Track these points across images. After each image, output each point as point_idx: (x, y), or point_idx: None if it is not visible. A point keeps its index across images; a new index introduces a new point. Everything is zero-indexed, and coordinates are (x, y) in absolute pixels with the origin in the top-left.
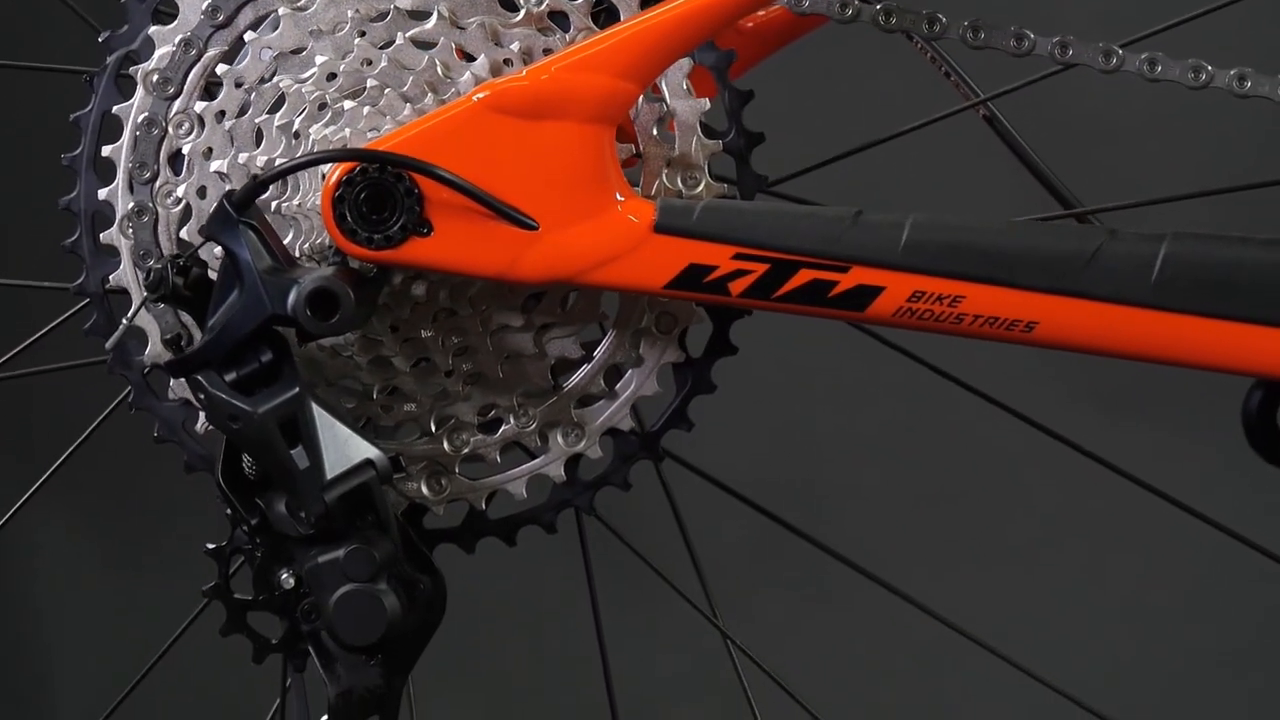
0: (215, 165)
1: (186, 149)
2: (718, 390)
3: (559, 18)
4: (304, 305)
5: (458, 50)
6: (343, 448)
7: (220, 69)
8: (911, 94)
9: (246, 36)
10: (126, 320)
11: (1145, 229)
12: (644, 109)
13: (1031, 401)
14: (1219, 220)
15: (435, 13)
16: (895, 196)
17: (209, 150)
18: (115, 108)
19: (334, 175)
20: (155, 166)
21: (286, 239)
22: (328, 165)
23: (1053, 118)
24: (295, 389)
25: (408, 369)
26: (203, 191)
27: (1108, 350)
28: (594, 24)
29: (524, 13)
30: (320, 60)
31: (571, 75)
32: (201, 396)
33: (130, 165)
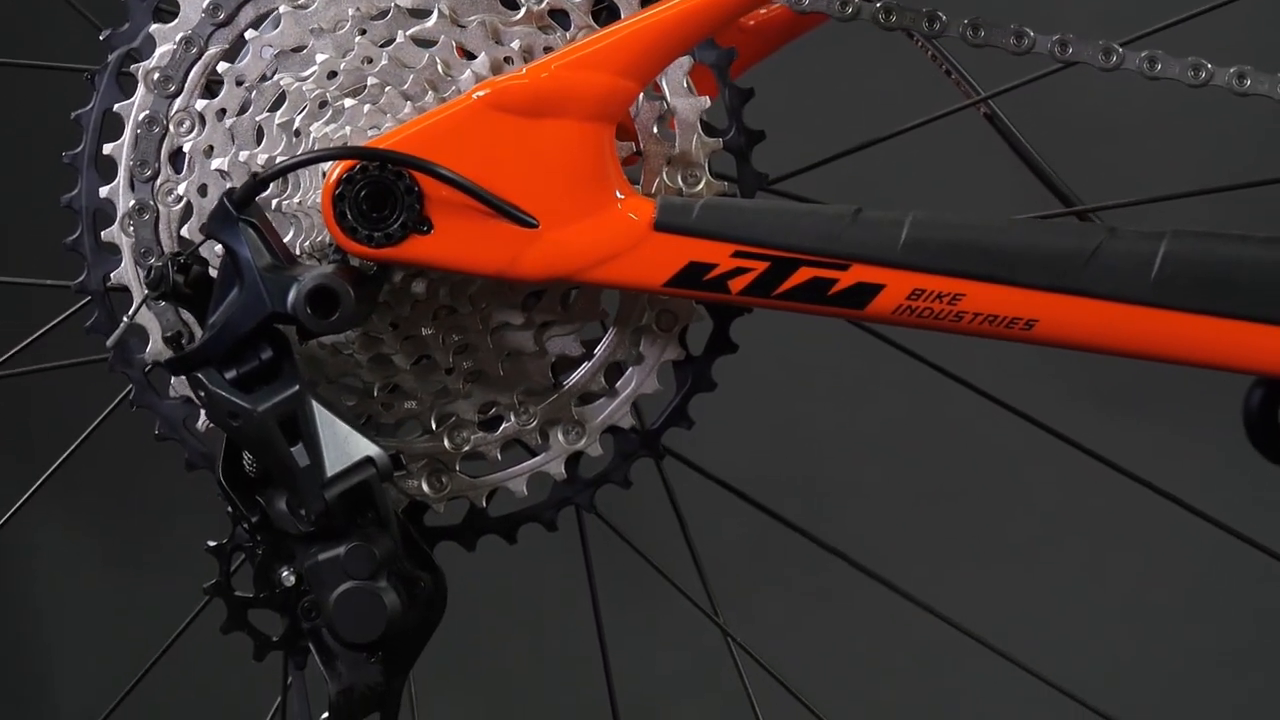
0: (216, 163)
1: (187, 147)
2: (718, 388)
3: (559, 16)
4: (304, 303)
5: (458, 48)
6: (343, 445)
7: (221, 67)
8: (912, 92)
9: (247, 34)
10: (127, 318)
11: (1145, 227)
12: (644, 107)
13: (1031, 399)
14: (1219, 218)
15: (436, 11)
16: (896, 195)
17: (210, 148)
18: (116, 105)
19: (334, 173)
20: (156, 164)
21: (287, 237)
22: (328, 163)
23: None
24: (295, 387)
25: (408, 367)
26: (204, 189)
27: (1107, 348)
28: (594, 22)
29: (524, 11)
30: (321, 58)
31: (571, 73)
32: (202, 394)
33: (131, 163)
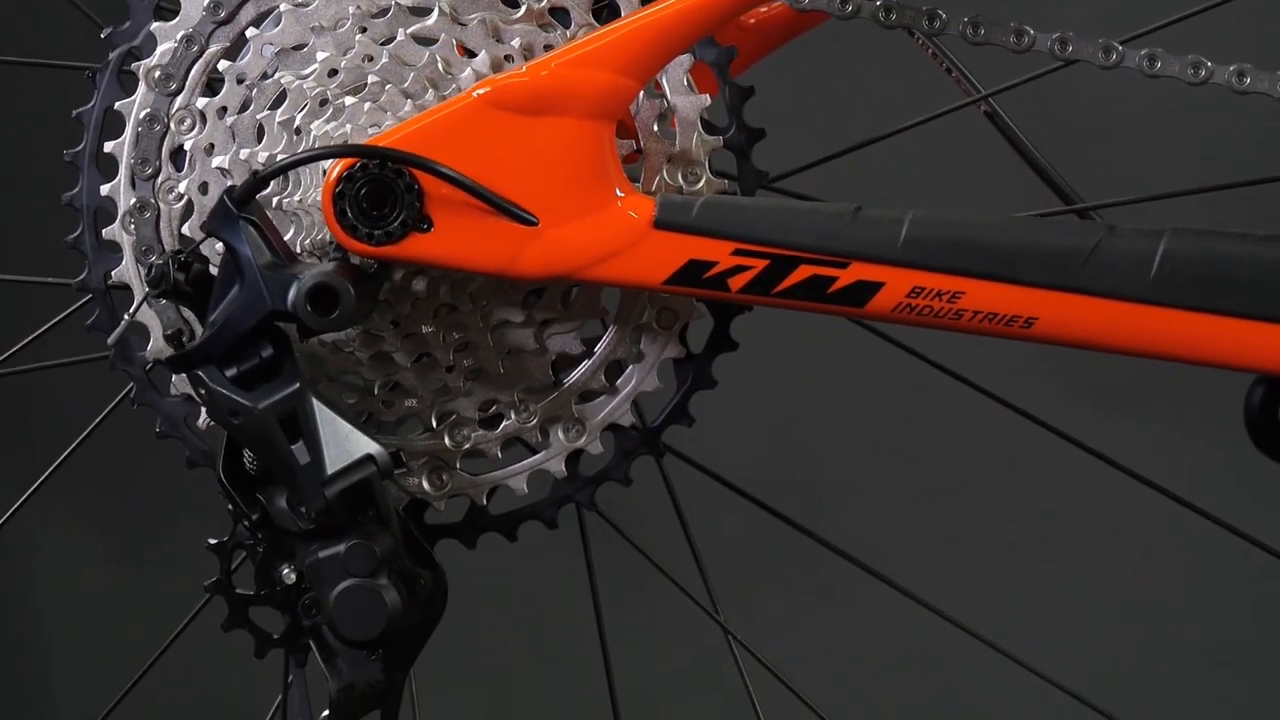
0: (217, 161)
1: (188, 145)
2: (718, 386)
3: (560, 14)
4: (304, 301)
5: (459, 46)
6: (343, 443)
7: (222, 65)
8: (912, 90)
9: (248, 33)
10: (128, 316)
11: (1145, 225)
12: (645, 105)
13: (1030, 397)
14: (1218, 216)
15: (436, 9)
16: (896, 193)
17: (211, 146)
18: (117, 104)
19: (334, 171)
20: (157, 162)
21: (288, 235)
22: (328, 161)
23: (1053, 114)
24: (296, 384)
25: (409, 364)
26: (204, 187)
27: (1106, 346)
28: (595, 20)
29: (525, 9)
30: (321, 56)
31: (571, 71)
32: (202, 392)
33: (132, 161)
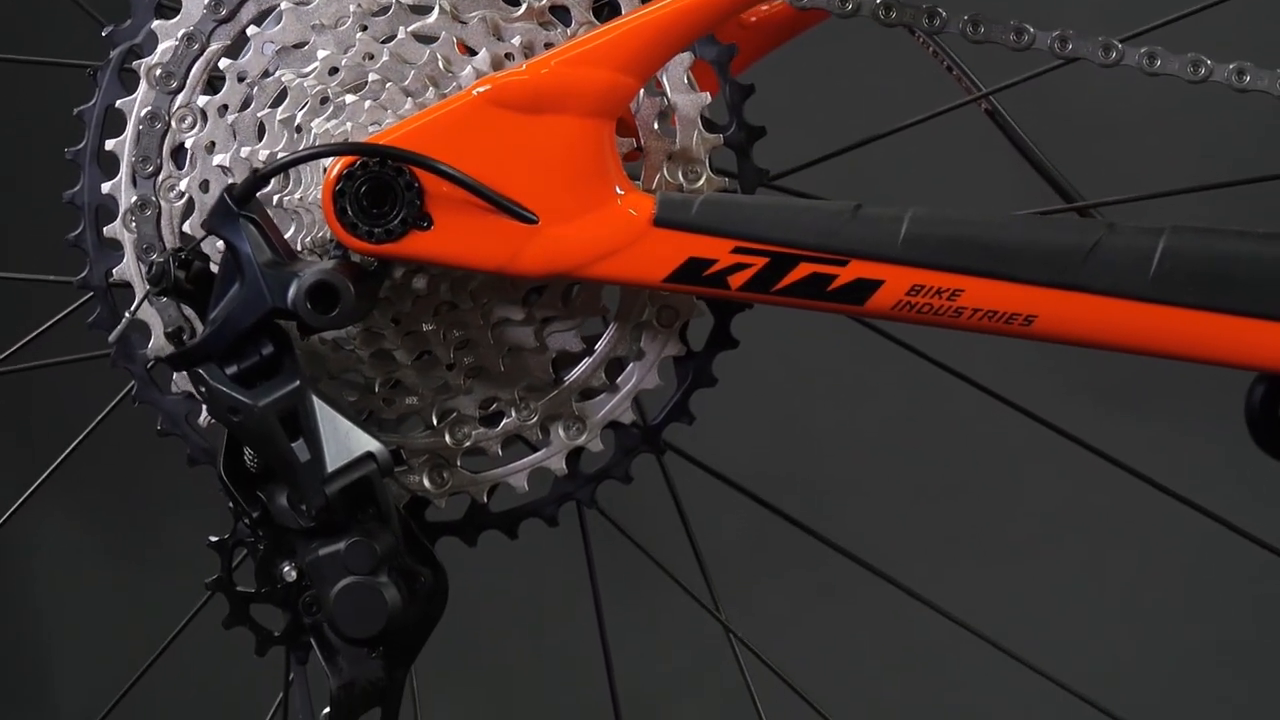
0: (218, 159)
1: (189, 143)
2: (719, 383)
3: (560, 12)
4: (304, 299)
5: (459, 44)
6: (344, 441)
7: (223, 63)
8: (913, 89)
9: (249, 31)
10: (129, 314)
11: (1144, 223)
12: (645, 103)
13: (1030, 395)
14: (1218, 214)
15: (437, 7)
16: (897, 191)
17: (211, 144)
18: (118, 102)
19: (335, 169)
20: (158, 160)
21: (288, 233)
22: (329, 159)
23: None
24: (296, 382)
25: (409, 362)
26: (205, 185)
27: (1106, 344)
28: (595, 18)
29: (525, 7)
30: (322, 54)
31: (571, 69)
32: (203, 389)
33: (133, 159)
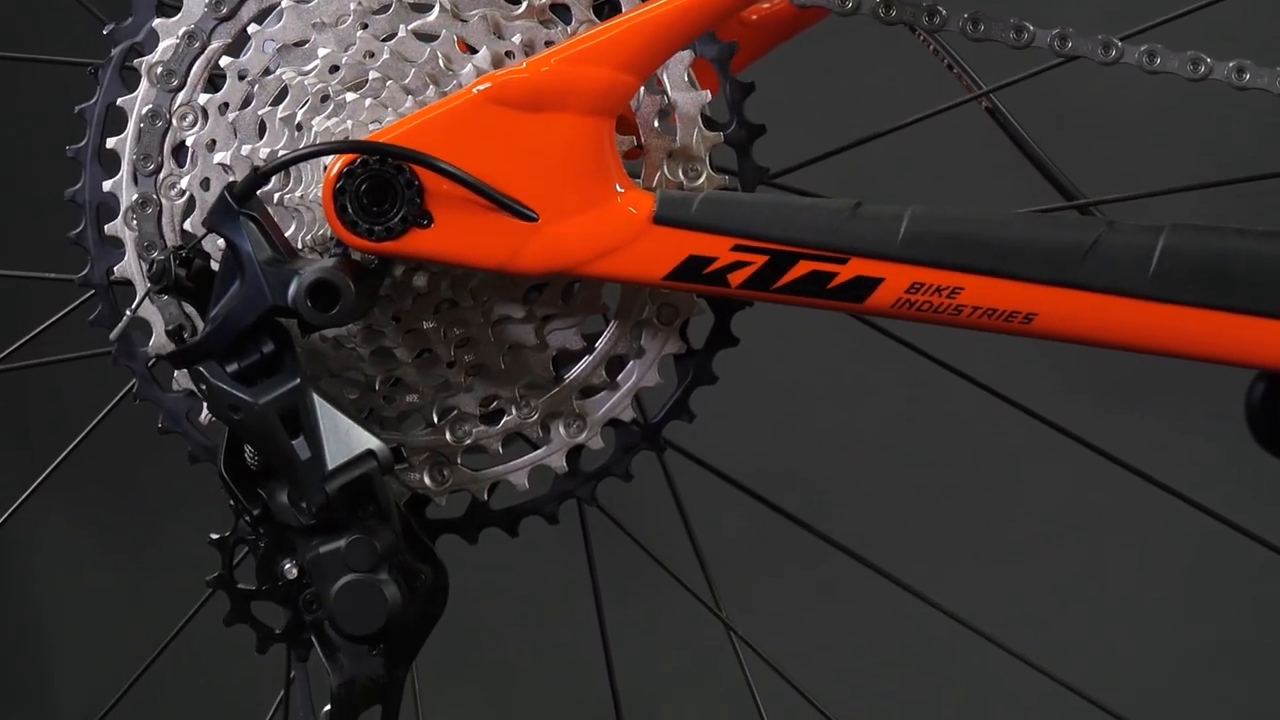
0: (219, 157)
1: (190, 141)
2: (719, 381)
3: (561, 10)
4: (304, 296)
5: (460, 43)
6: (344, 438)
7: (224, 61)
8: (913, 87)
9: (250, 29)
10: (130, 311)
11: (1144, 221)
12: (646, 101)
13: (1030, 393)
14: (1218, 212)
15: (437, 5)
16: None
17: (212, 142)
18: (120, 100)
19: (335, 167)
20: (159, 158)
21: (289, 231)
22: (329, 157)
23: (1053, 110)
24: (296, 380)
25: (410, 360)
26: (206, 183)
27: (1106, 342)
28: (595, 16)
29: (526, 5)
30: (323, 53)
31: (571, 67)
32: (203, 387)
33: (134, 157)
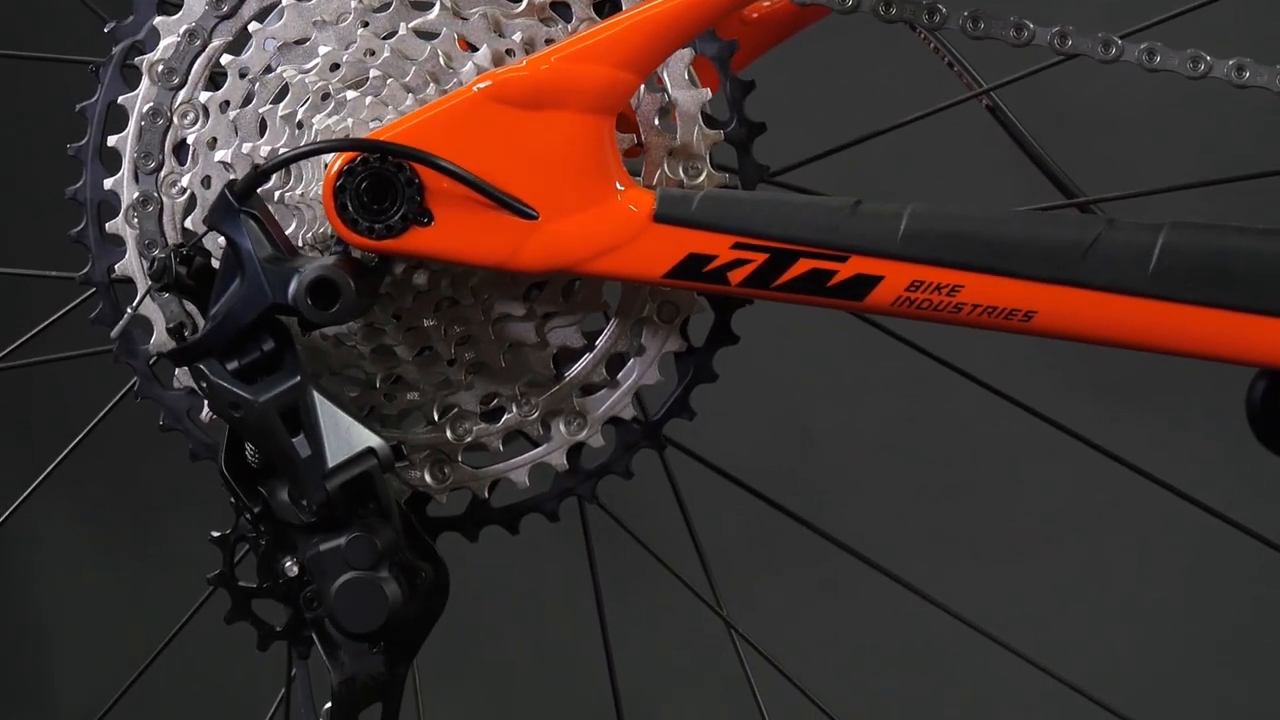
0: (219, 155)
1: (191, 139)
2: (720, 379)
3: (561, 8)
4: (305, 294)
5: (460, 41)
6: (344, 436)
7: (225, 59)
8: (913, 85)
9: (251, 27)
10: (131, 309)
11: (1144, 219)
12: (646, 99)
13: (1030, 391)
14: (1218, 210)
15: (438, 3)
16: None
17: (213, 140)
18: (121, 98)
19: (335, 165)
20: (160, 156)
21: (289, 229)
22: (329, 155)
23: (1053, 108)
24: (297, 378)
25: (410, 358)
26: (207, 181)
27: (1106, 340)
28: (596, 14)
29: (526, 3)
30: (323, 50)
31: (571, 65)
32: (204, 385)
33: (135, 155)
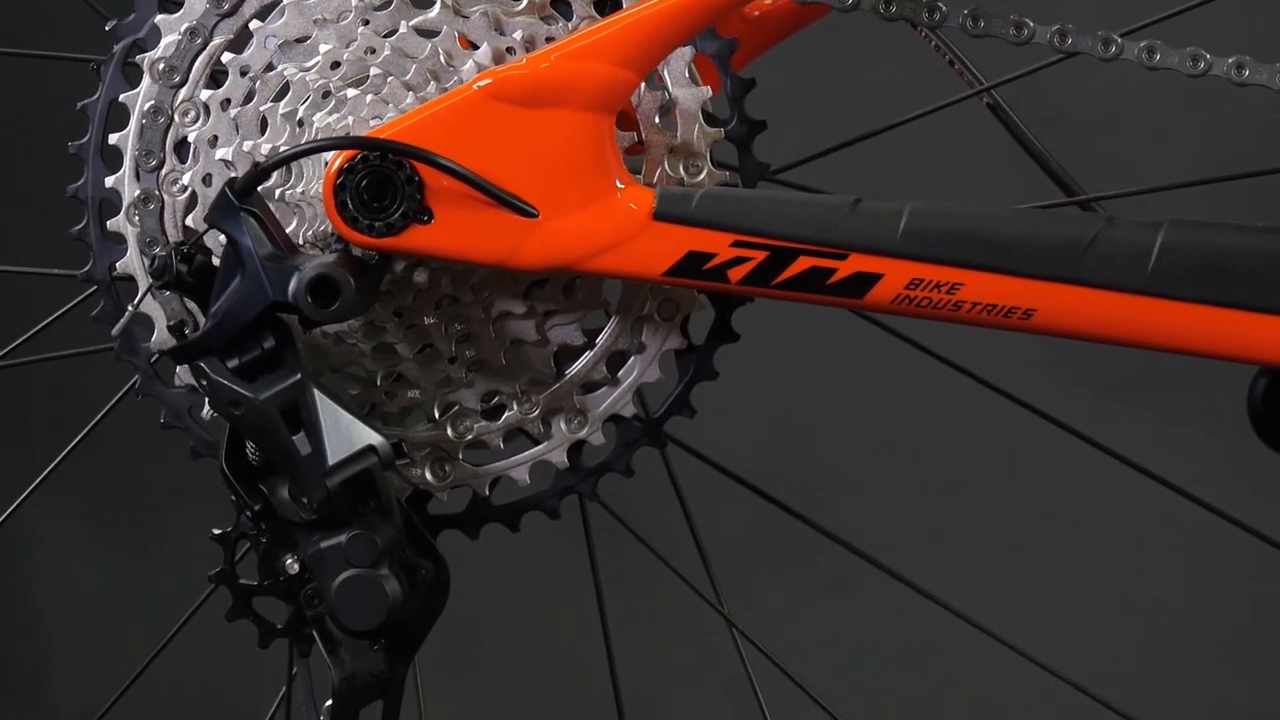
0: (220, 153)
1: (192, 137)
2: (720, 377)
3: (562, 6)
4: (305, 292)
5: (461, 38)
6: (345, 434)
7: (226, 57)
8: (913, 83)
9: (252, 25)
10: (132, 307)
11: (1144, 217)
12: (646, 97)
13: (1030, 389)
14: (1218, 208)
15: (439, 1)
16: (898, 185)
17: (214, 138)
18: (122, 96)
19: (335, 163)
20: (161, 154)
21: (290, 227)
22: (330, 153)
23: (1053, 106)
24: (297, 375)
25: (411, 356)
26: (208, 179)
27: (1106, 337)
28: (596, 12)
29: (527, 1)
30: (324, 48)
31: (571, 63)
32: (204, 383)
33: (137, 153)
